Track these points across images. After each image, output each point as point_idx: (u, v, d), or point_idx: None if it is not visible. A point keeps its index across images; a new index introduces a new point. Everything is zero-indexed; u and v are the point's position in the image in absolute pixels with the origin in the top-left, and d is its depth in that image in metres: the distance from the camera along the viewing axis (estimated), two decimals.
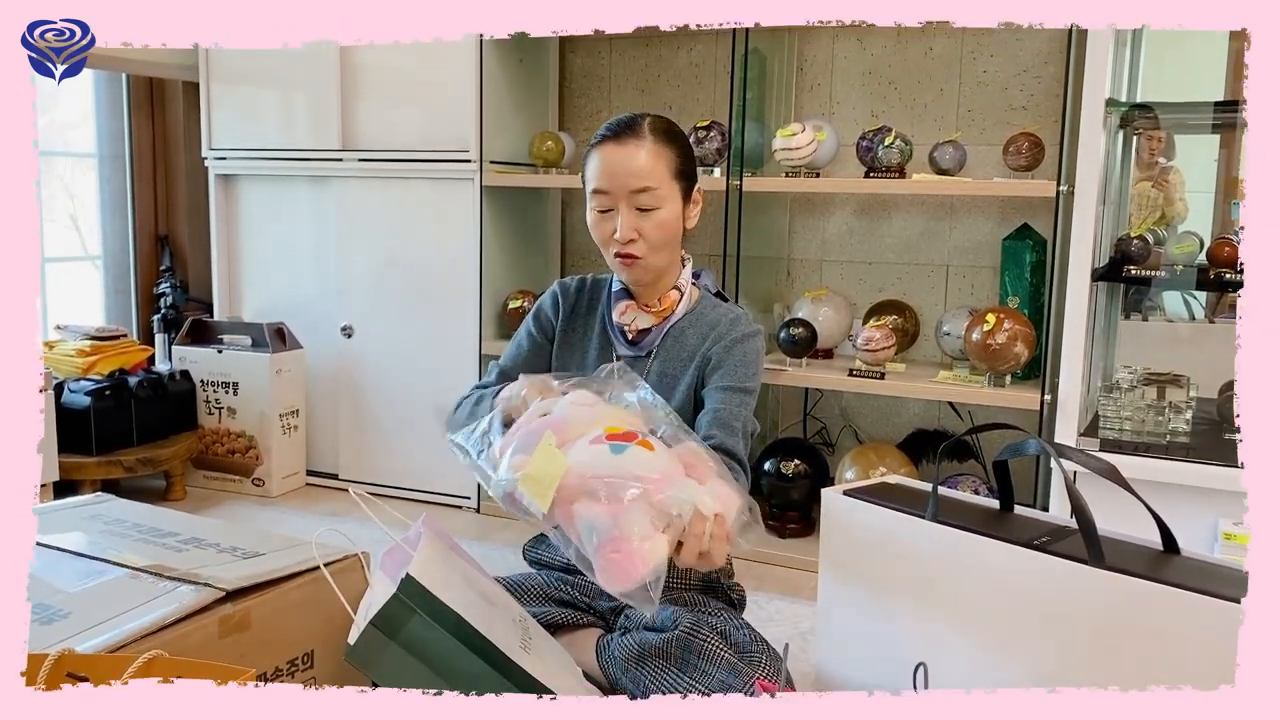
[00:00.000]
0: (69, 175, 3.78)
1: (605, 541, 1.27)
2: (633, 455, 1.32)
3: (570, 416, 1.39)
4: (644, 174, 1.72)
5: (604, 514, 1.27)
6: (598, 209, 1.77)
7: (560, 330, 1.91)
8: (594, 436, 1.34)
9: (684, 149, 1.80)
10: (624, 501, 1.28)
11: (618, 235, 1.73)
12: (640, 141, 1.74)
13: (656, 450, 1.35)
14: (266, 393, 3.34)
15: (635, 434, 1.35)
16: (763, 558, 2.83)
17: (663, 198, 1.74)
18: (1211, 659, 1.17)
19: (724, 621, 1.71)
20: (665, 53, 3.40)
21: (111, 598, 1.39)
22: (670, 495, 1.30)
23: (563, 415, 1.40)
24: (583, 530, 1.29)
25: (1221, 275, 2.46)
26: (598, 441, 1.33)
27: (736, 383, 1.75)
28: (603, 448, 1.32)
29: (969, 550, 1.46)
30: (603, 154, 1.75)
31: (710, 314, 1.84)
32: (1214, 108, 2.65)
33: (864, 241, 3.22)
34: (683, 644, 1.57)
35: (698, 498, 1.33)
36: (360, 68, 3.28)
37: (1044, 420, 2.58)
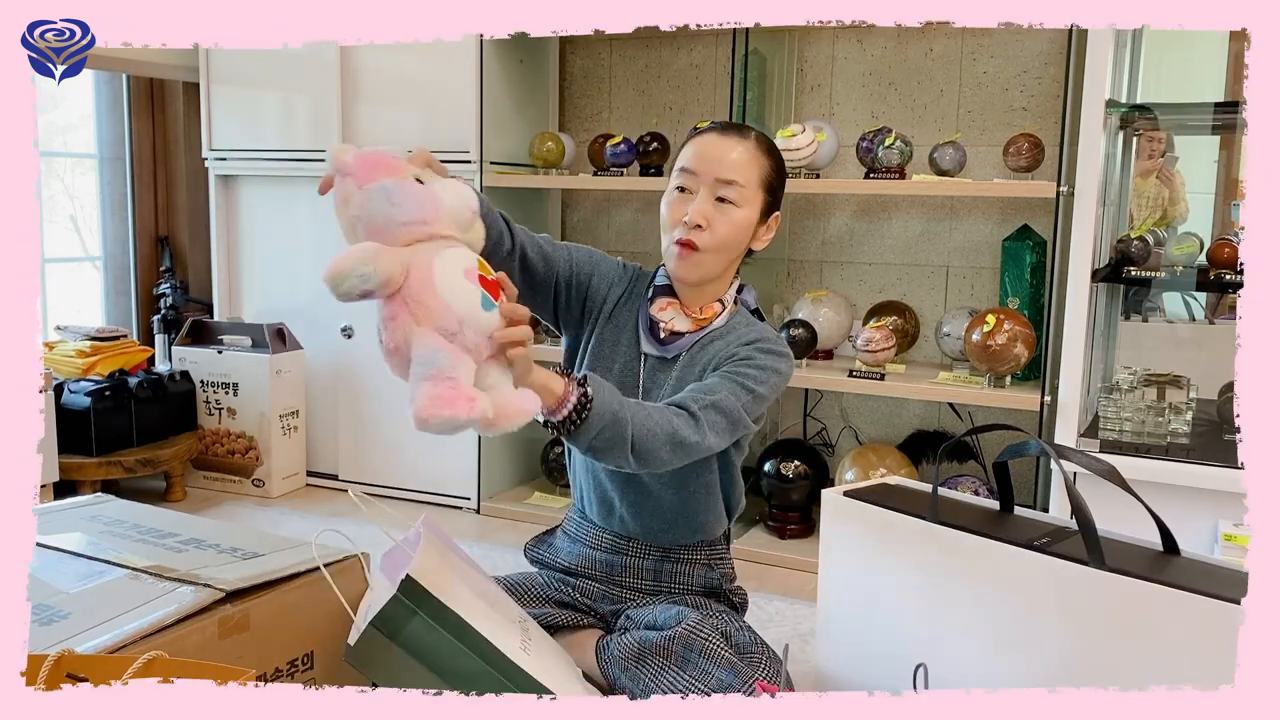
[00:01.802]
0: (69, 176, 3.78)
1: (438, 374, 1.27)
2: (495, 317, 1.32)
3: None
4: (735, 168, 1.69)
5: (449, 353, 1.28)
6: (677, 187, 1.72)
7: (607, 314, 1.81)
8: (468, 269, 1.32)
9: (779, 168, 1.77)
10: (470, 357, 1.30)
11: (687, 216, 1.68)
12: (743, 140, 1.71)
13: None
14: (266, 393, 3.34)
15: (500, 286, 1.35)
16: (763, 559, 2.83)
17: (745, 198, 1.70)
18: (1211, 659, 1.17)
19: (726, 622, 1.71)
20: (666, 53, 3.40)
21: (111, 598, 1.39)
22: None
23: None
24: (423, 354, 1.29)
25: (1222, 276, 2.46)
26: (471, 278, 1.32)
27: (738, 374, 1.64)
28: (474, 292, 1.31)
29: (969, 551, 1.46)
30: (701, 141, 1.72)
31: (743, 330, 1.76)
32: (1214, 109, 2.65)
33: (864, 242, 3.22)
34: (684, 642, 1.58)
35: (514, 405, 1.35)
36: (360, 69, 3.28)
37: (1044, 421, 2.58)
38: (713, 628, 1.61)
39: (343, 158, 1.37)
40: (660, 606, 1.72)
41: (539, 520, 3.04)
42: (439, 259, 1.32)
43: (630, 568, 1.82)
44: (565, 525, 1.93)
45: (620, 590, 1.83)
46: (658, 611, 1.70)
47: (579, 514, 1.90)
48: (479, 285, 1.32)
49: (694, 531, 1.81)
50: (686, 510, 1.79)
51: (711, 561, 1.84)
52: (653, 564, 1.82)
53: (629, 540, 1.82)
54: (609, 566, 1.83)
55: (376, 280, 1.29)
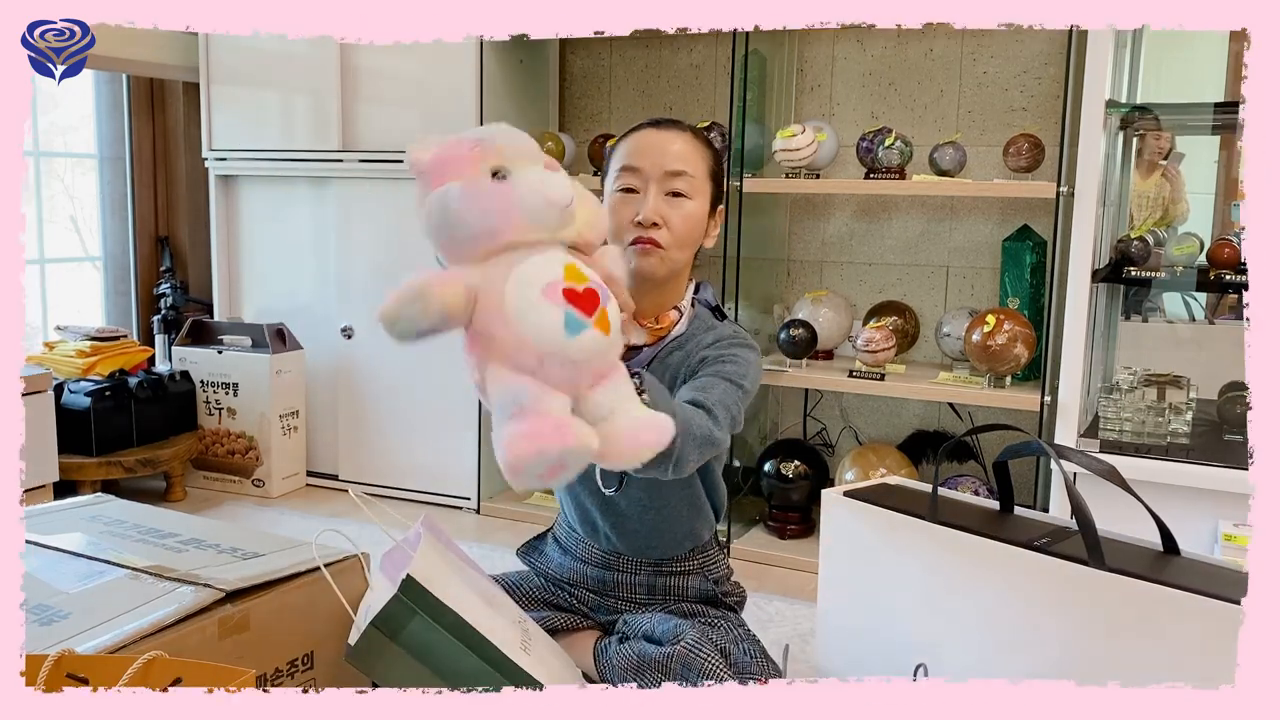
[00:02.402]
0: (69, 176, 3.78)
1: (521, 411, 1.08)
2: (587, 342, 1.10)
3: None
4: (681, 158, 1.62)
5: (531, 386, 1.09)
6: (621, 188, 1.63)
7: None
8: (548, 283, 1.10)
9: (719, 159, 1.71)
10: (564, 391, 1.11)
11: (640, 217, 1.59)
12: (681, 133, 1.66)
13: (611, 329, 1.13)
14: (266, 393, 3.34)
15: (596, 297, 1.11)
16: (763, 559, 2.83)
17: (695, 189, 1.63)
18: (1211, 659, 1.17)
19: (724, 635, 1.68)
20: (666, 54, 3.40)
21: (111, 598, 1.38)
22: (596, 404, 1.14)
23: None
24: (501, 397, 1.10)
25: (1222, 276, 2.46)
26: (552, 294, 1.09)
27: (723, 373, 1.57)
28: (556, 314, 1.09)
29: (969, 551, 1.46)
30: (638, 137, 1.66)
31: (702, 335, 1.67)
32: (1214, 109, 2.65)
33: (864, 243, 3.22)
34: (683, 661, 1.53)
35: (627, 434, 1.16)
36: (360, 69, 3.28)
37: (1044, 421, 2.58)
38: (712, 646, 1.57)
39: (417, 156, 1.18)
40: (659, 616, 1.69)
41: (539, 520, 3.04)
42: (512, 276, 1.10)
43: (623, 583, 1.78)
44: (556, 531, 1.89)
45: (614, 601, 1.80)
46: (656, 621, 1.66)
47: (567, 524, 1.85)
48: (563, 302, 1.09)
49: (682, 542, 1.77)
50: (671, 526, 1.74)
51: (705, 570, 1.80)
52: (645, 578, 1.78)
53: (619, 556, 1.78)
54: (601, 582, 1.80)
55: (429, 320, 1.09)
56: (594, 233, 1.21)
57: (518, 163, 1.14)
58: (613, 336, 1.13)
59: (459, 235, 1.13)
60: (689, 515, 1.76)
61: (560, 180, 1.15)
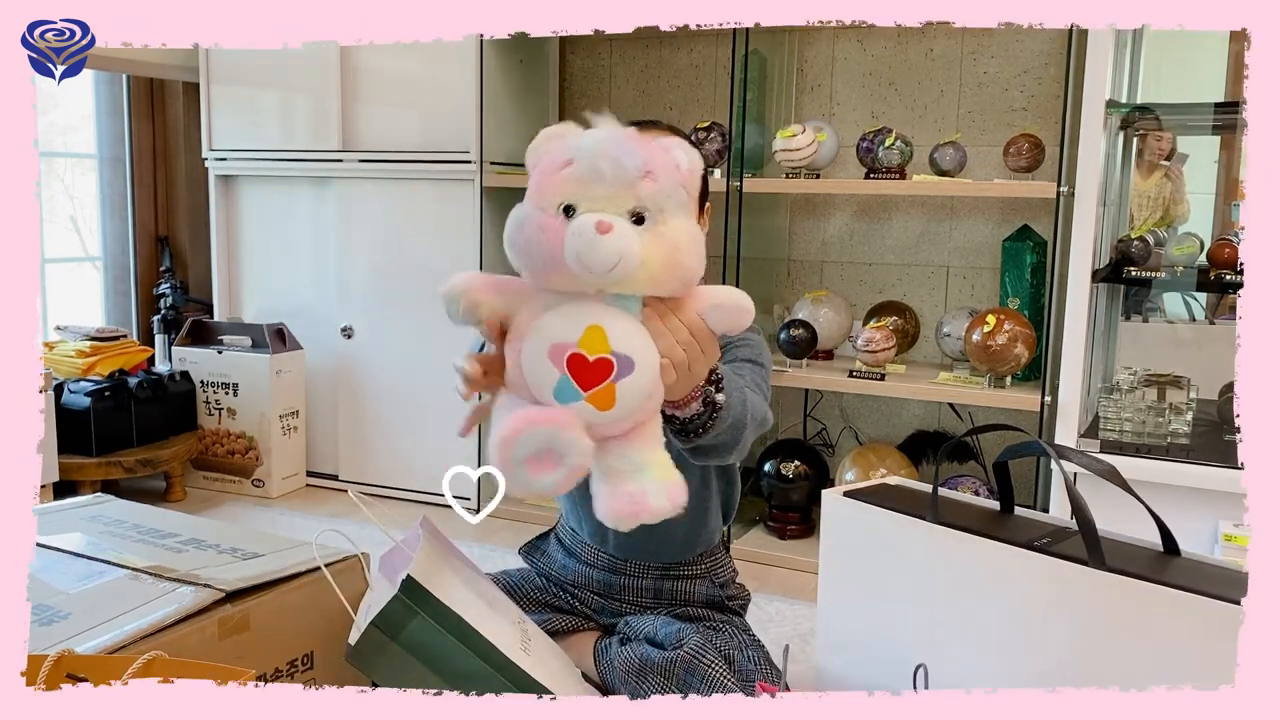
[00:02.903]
0: (69, 176, 3.78)
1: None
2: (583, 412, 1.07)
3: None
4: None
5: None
6: None
7: None
8: (556, 344, 1.07)
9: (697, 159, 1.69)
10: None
11: None
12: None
13: (616, 406, 1.07)
14: (266, 393, 3.34)
15: (606, 370, 1.06)
16: (763, 559, 2.83)
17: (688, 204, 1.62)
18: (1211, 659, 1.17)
19: (728, 641, 1.68)
20: (665, 53, 3.40)
21: (111, 599, 1.39)
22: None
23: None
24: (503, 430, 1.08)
25: (1222, 276, 2.46)
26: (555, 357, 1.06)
27: (744, 356, 1.59)
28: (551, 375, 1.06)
29: (969, 551, 1.46)
30: None
31: None
32: (1214, 109, 2.65)
33: (864, 243, 3.22)
34: (686, 666, 1.52)
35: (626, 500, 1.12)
36: (360, 69, 3.28)
37: (1044, 422, 2.58)
38: (715, 652, 1.56)
39: (531, 150, 1.13)
40: (661, 620, 1.69)
41: (539, 520, 3.04)
42: (536, 322, 1.09)
43: (629, 587, 1.78)
44: (558, 532, 1.89)
45: (619, 604, 1.79)
46: (658, 625, 1.66)
47: (571, 529, 1.85)
48: (563, 369, 1.06)
49: (693, 546, 1.77)
50: (683, 531, 1.74)
51: (713, 573, 1.80)
52: (652, 582, 1.77)
53: (626, 561, 1.77)
54: (606, 585, 1.79)
55: (462, 320, 1.11)
56: (665, 286, 1.09)
57: (593, 200, 1.06)
58: (617, 411, 1.07)
59: (518, 261, 1.11)
60: (702, 519, 1.76)
61: (611, 247, 1.03)
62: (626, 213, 1.05)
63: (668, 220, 1.07)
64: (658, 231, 1.06)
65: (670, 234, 1.07)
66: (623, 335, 1.07)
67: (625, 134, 1.08)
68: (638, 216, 1.05)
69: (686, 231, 1.09)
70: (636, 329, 1.08)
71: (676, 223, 1.08)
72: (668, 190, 1.07)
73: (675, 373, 1.11)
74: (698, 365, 1.13)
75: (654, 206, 1.06)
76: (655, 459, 1.12)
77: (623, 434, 1.11)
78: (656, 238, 1.06)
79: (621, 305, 1.08)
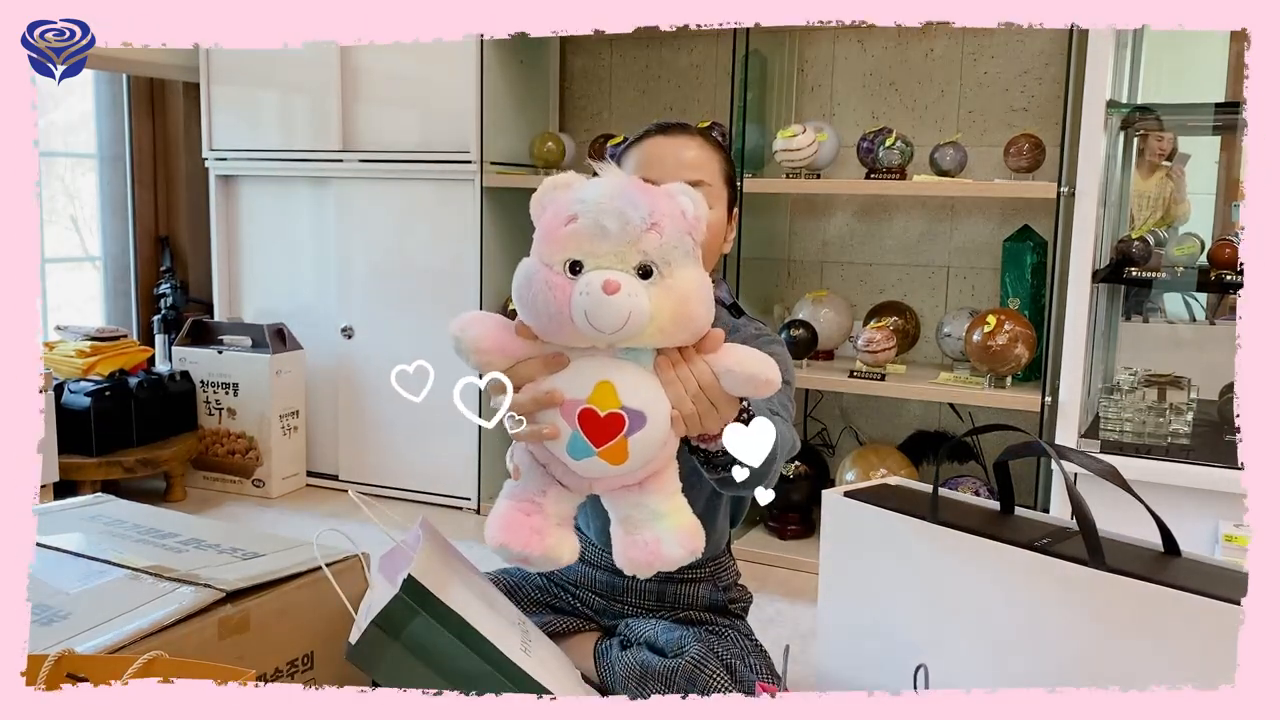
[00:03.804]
0: (69, 176, 3.78)
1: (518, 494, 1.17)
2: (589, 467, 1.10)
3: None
4: (698, 166, 1.54)
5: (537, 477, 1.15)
6: None
7: None
8: (569, 400, 1.08)
9: (730, 160, 1.64)
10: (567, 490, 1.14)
11: None
12: (693, 137, 1.59)
13: (629, 459, 1.09)
14: (266, 394, 3.34)
15: (618, 426, 1.07)
16: (763, 559, 2.83)
17: (714, 197, 1.54)
18: (1211, 659, 1.17)
19: (730, 648, 1.67)
20: (666, 53, 3.40)
21: (111, 599, 1.39)
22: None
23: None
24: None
25: (1222, 277, 2.46)
26: (567, 413, 1.08)
27: None
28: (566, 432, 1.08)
29: (970, 552, 1.46)
30: (649, 145, 1.57)
31: (730, 335, 1.66)
32: (1214, 109, 2.65)
33: (864, 243, 3.22)
34: (687, 675, 1.51)
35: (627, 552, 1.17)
36: (360, 69, 3.28)
37: (1044, 422, 2.58)
38: (717, 661, 1.55)
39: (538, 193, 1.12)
40: (662, 625, 1.68)
41: None
42: (555, 376, 1.10)
43: (632, 589, 1.75)
44: None
45: (621, 606, 1.79)
46: (659, 629, 1.64)
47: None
48: (574, 424, 1.07)
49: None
50: None
51: (716, 577, 1.78)
52: (656, 585, 1.75)
53: None
54: (609, 586, 1.78)
55: (465, 357, 1.15)
56: (674, 338, 1.08)
57: (599, 256, 1.04)
58: (630, 464, 1.09)
59: (526, 317, 1.10)
60: (710, 527, 1.74)
61: (619, 307, 1.02)
62: (633, 269, 1.04)
63: (675, 272, 1.05)
64: (665, 285, 1.05)
65: (678, 286, 1.05)
66: (633, 389, 1.07)
67: (630, 185, 1.07)
68: (644, 270, 1.04)
69: (694, 281, 1.07)
70: (647, 382, 1.08)
71: (684, 273, 1.06)
72: (674, 241, 1.06)
73: (685, 425, 1.10)
74: (709, 419, 1.11)
75: (661, 259, 1.05)
76: (671, 506, 1.14)
77: (638, 484, 1.12)
78: (664, 291, 1.05)
79: (632, 358, 1.08)
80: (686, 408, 1.10)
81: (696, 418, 1.11)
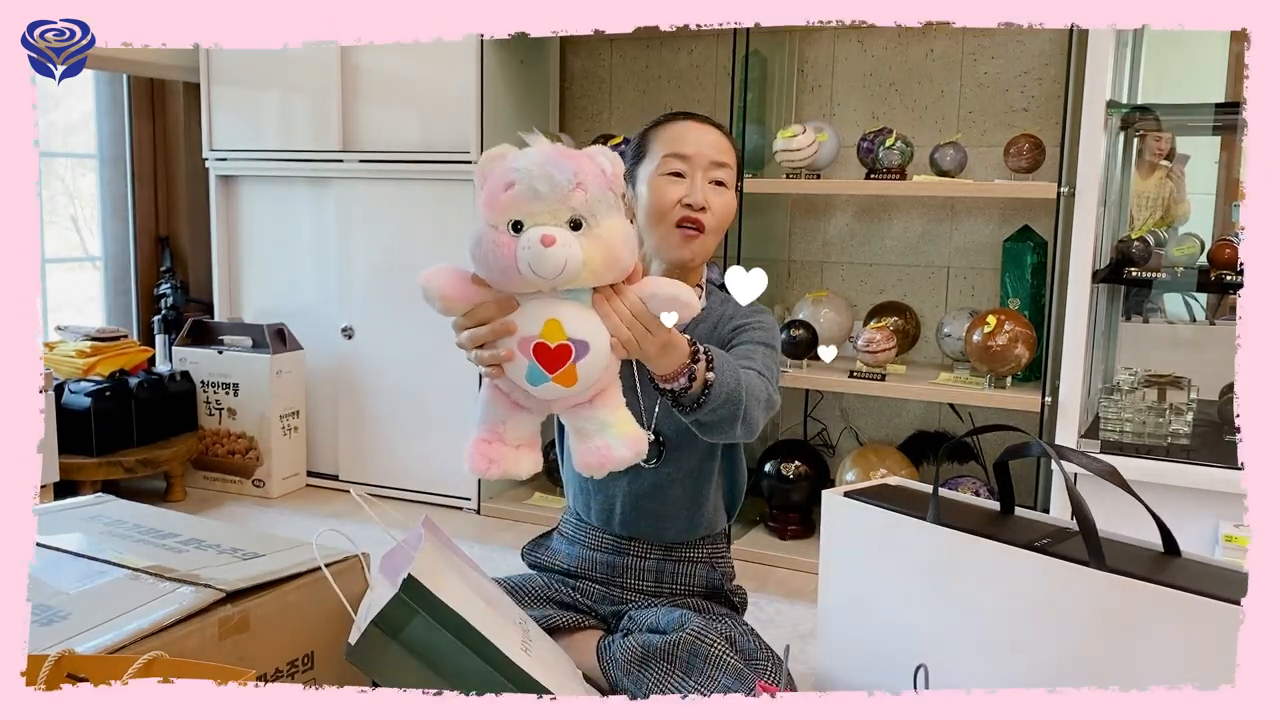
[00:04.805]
0: (69, 176, 3.78)
1: (483, 426, 1.37)
2: (548, 391, 1.28)
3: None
4: (722, 150, 1.72)
5: (501, 405, 1.35)
6: (666, 172, 1.69)
7: None
8: (524, 337, 1.26)
9: (740, 155, 1.81)
10: (528, 413, 1.35)
11: (692, 199, 1.67)
12: (713, 127, 1.75)
13: (578, 381, 1.28)
14: (267, 394, 3.34)
15: (566, 354, 1.26)
16: (763, 559, 2.83)
17: (730, 181, 1.73)
18: (1211, 659, 1.17)
19: (729, 627, 1.70)
20: (666, 54, 3.40)
21: (111, 599, 1.39)
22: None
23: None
24: (480, 404, 1.38)
25: (1222, 277, 2.45)
26: (523, 347, 1.26)
27: (756, 339, 1.69)
28: (521, 364, 1.27)
29: (970, 552, 1.46)
30: (680, 125, 1.73)
31: (719, 308, 1.78)
32: (1215, 110, 2.65)
33: (865, 243, 3.22)
34: (689, 648, 1.56)
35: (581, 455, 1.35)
36: (361, 69, 3.28)
37: (1044, 422, 2.58)
38: (717, 633, 1.59)
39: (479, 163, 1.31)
40: (663, 610, 1.71)
41: (539, 521, 3.04)
42: (510, 318, 1.28)
43: (632, 568, 1.82)
44: (561, 528, 1.92)
45: (621, 591, 1.82)
46: (660, 614, 1.69)
47: (575, 517, 1.89)
48: (530, 356, 1.26)
49: (697, 526, 1.81)
50: (692, 502, 1.79)
51: (714, 560, 1.84)
52: (655, 564, 1.81)
53: (630, 540, 1.82)
54: (610, 567, 1.83)
55: (431, 303, 1.33)
56: (606, 278, 1.28)
57: (535, 215, 1.23)
58: (579, 385, 1.28)
59: (480, 271, 1.29)
60: (702, 495, 1.80)
61: (557, 257, 1.22)
62: (565, 222, 1.23)
63: (601, 222, 1.25)
64: (594, 234, 1.24)
65: (604, 234, 1.25)
66: (576, 323, 1.26)
67: (556, 152, 1.26)
68: (575, 223, 1.24)
69: (618, 229, 1.27)
70: (587, 316, 1.28)
71: (609, 223, 1.26)
72: (598, 196, 1.25)
73: (625, 348, 1.31)
74: (646, 342, 1.32)
75: (588, 213, 1.24)
76: (617, 418, 1.34)
77: (588, 401, 1.32)
78: (593, 239, 1.24)
79: (573, 298, 1.27)
80: (624, 334, 1.30)
81: (634, 341, 1.31)
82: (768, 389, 1.56)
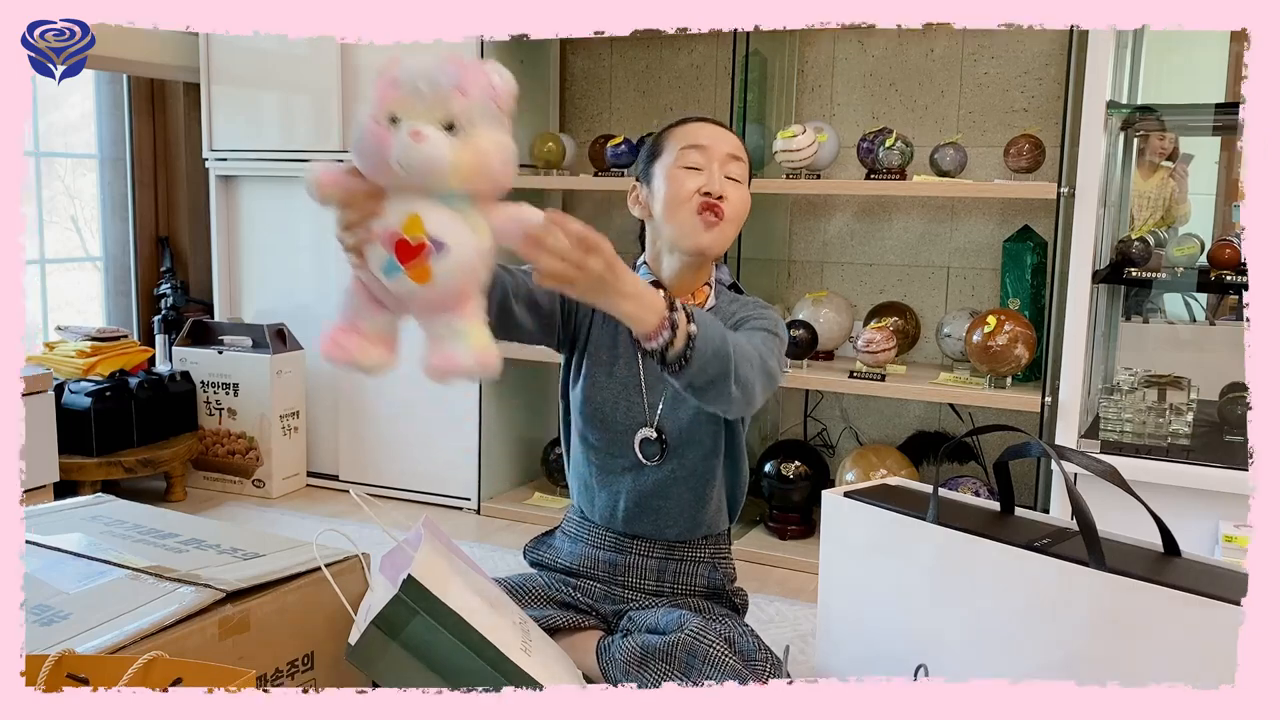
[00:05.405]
0: (70, 177, 3.78)
1: (341, 317, 1.39)
2: (400, 285, 1.28)
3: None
4: (738, 148, 1.76)
5: (361, 299, 1.38)
6: (685, 165, 1.71)
7: (600, 320, 1.78)
8: (385, 230, 1.27)
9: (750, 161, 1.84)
10: (388, 310, 1.35)
11: (711, 187, 1.69)
12: (728, 130, 1.79)
13: (431, 280, 1.27)
14: (267, 394, 3.34)
15: (420, 250, 1.26)
16: (763, 559, 2.83)
17: (745, 177, 1.76)
18: (1211, 659, 1.17)
19: (729, 628, 1.70)
20: (666, 55, 3.40)
21: (111, 599, 1.38)
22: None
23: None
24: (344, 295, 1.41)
25: (1222, 277, 2.45)
26: (384, 240, 1.27)
27: (758, 325, 1.68)
28: (379, 255, 1.28)
29: (970, 552, 1.46)
30: (695, 126, 1.77)
31: (729, 306, 1.78)
32: (1214, 110, 2.65)
33: (865, 243, 3.22)
34: (688, 648, 1.56)
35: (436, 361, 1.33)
36: (361, 69, 3.28)
37: (1044, 422, 2.58)
38: (716, 634, 1.60)
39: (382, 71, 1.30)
40: (663, 610, 1.72)
41: (539, 521, 3.04)
42: (385, 206, 1.28)
43: (634, 567, 1.82)
44: (564, 526, 1.93)
45: (622, 590, 1.82)
46: (660, 615, 1.70)
47: (579, 514, 1.90)
48: (389, 249, 1.27)
49: (699, 526, 1.81)
50: (695, 501, 1.79)
51: (715, 560, 1.84)
52: (656, 563, 1.82)
53: (633, 539, 1.82)
54: (612, 566, 1.83)
55: (310, 192, 1.34)
56: (478, 186, 1.29)
57: (412, 112, 1.24)
58: (433, 285, 1.27)
59: (358, 163, 1.29)
60: (705, 492, 1.81)
61: (423, 153, 1.22)
62: (439, 123, 1.24)
63: (477, 131, 1.26)
64: (466, 139, 1.25)
65: (479, 142, 1.26)
66: (438, 223, 1.26)
67: (448, 59, 1.26)
68: (449, 126, 1.24)
69: (494, 140, 1.28)
70: (453, 219, 1.27)
71: (486, 133, 1.27)
72: (480, 106, 1.27)
73: (558, 281, 1.32)
74: (581, 276, 1.32)
75: (465, 119, 1.25)
76: (472, 329, 1.32)
77: (449, 307, 1.31)
78: (465, 144, 1.25)
79: (446, 202, 1.27)
80: (554, 266, 1.31)
81: (566, 275, 1.31)
82: (762, 356, 1.55)
